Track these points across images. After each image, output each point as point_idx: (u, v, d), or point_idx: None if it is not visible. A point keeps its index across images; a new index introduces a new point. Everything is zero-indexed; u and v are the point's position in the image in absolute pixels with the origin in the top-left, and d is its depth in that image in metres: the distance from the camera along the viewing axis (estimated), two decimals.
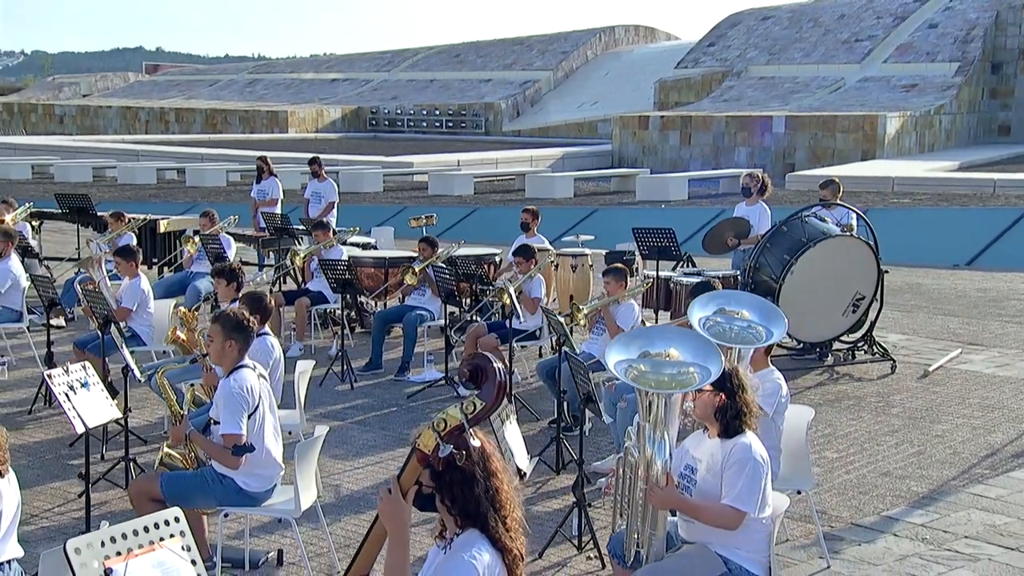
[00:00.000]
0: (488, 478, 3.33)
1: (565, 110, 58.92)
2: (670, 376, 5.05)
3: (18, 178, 32.70)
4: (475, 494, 3.30)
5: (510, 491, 3.39)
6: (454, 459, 3.22)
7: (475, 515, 3.33)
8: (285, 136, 51.04)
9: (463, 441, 3.19)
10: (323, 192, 15.53)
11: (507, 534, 3.34)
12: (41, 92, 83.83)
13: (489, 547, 3.32)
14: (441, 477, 3.30)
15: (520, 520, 3.43)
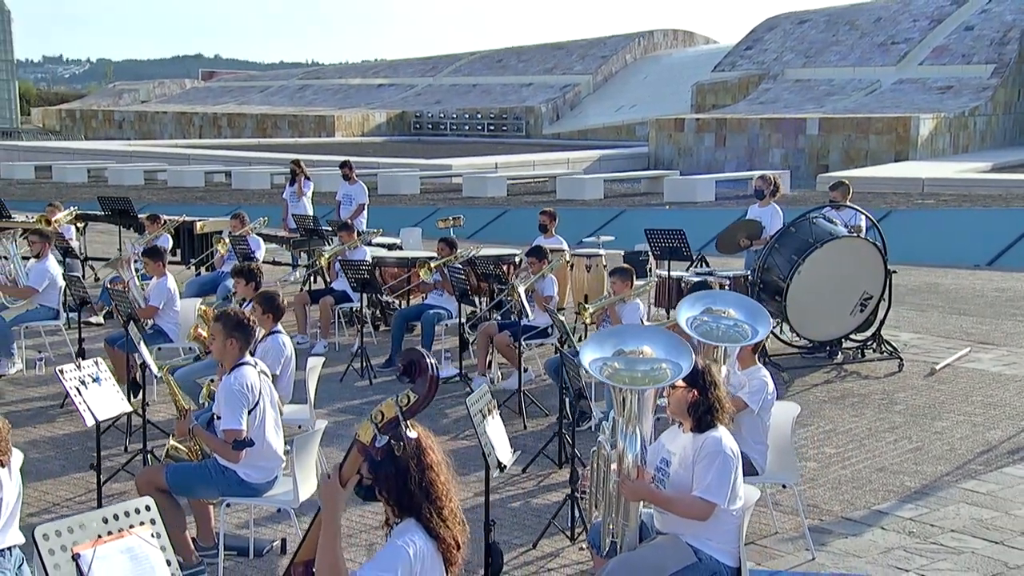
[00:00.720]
0: (424, 471, 3.41)
1: (604, 113, 58.88)
2: (643, 373, 5.12)
3: (74, 181, 33.29)
4: (409, 486, 3.39)
5: (446, 483, 3.48)
6: (392, 450, 3.31)
7: (410, 506, 3.41)
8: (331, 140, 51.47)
9: (399, 432, 3.28)
10: (354, 194, 15.71)
11: (442, 524, 3.42)
12: (102, 99, 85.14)
13: (424, 535, 3.40)
14: (378, 469, 3.39)
15: (456, 511, 3.51)
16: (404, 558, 3.32)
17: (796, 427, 9.04)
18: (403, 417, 3.25)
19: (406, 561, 3.32)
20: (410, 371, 3.27)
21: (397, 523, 3.47)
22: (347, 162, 16.17)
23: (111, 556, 3.47)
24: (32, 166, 36.23)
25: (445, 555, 3.43)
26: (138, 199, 27.88)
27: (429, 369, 3.25)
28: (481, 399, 5.42)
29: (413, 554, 3.34)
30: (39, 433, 8.84)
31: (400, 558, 3.32)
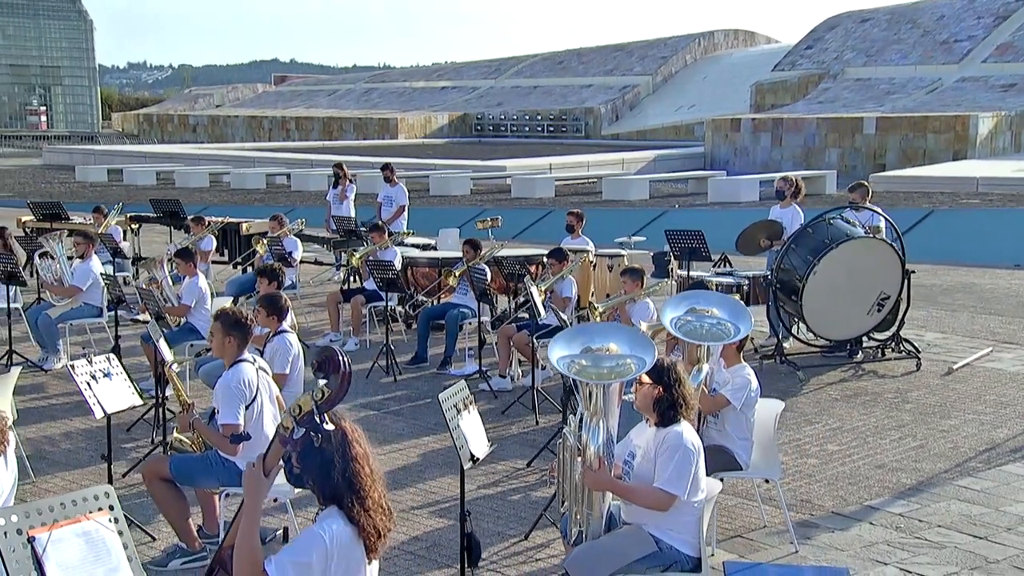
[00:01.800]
0: (348, 462, 3.57)
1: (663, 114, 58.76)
2: (609, 368, 5.26)
3: (144, 184, 34.11)
4: (333, 476, 3.55)
5: (370, 475, 3.63)
6: (312, 441, 3.50)
7: (333, 494, 3.57)
8: (394, 142, 52.01)
9: (316, 425, 3.47)
10: (394, 196, 15.98)
11: (364, 513, 3.56)
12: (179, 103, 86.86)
13: (344, 523, 3.56)
14: (306, 459, 3.57)
15: (380, 501, 3.65)
16: (320, 544, 3.48)
17: (803, 424, 9.19)
18: (318, 411, 3.44)
19: (321, 547, 3.47)
20: (324, 368, 3.46)
21: (322, 509, 3.64)
22: (388, 164, 16.45)
23: (66, 540, 3.67)
24: (105, 169, 37.17)
25: (366, 542, 3.58)
26: (200, 201, 28.59)
27: (342, 366, 3.44)
28: (456, 395, 5.60)
29: (329, 540, 3.49)
30: (75, 425, 9.20)
31: (316, 544, 3.48)
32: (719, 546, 6.75)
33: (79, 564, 3.71)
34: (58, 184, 35.53)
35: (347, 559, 3.51)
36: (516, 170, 33.10)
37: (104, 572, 3.77)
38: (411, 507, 7.41)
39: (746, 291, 11.30)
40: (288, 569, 3.41)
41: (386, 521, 3.64)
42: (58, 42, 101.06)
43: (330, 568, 3.46)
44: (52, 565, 3.62)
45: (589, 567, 5.12)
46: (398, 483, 7.87)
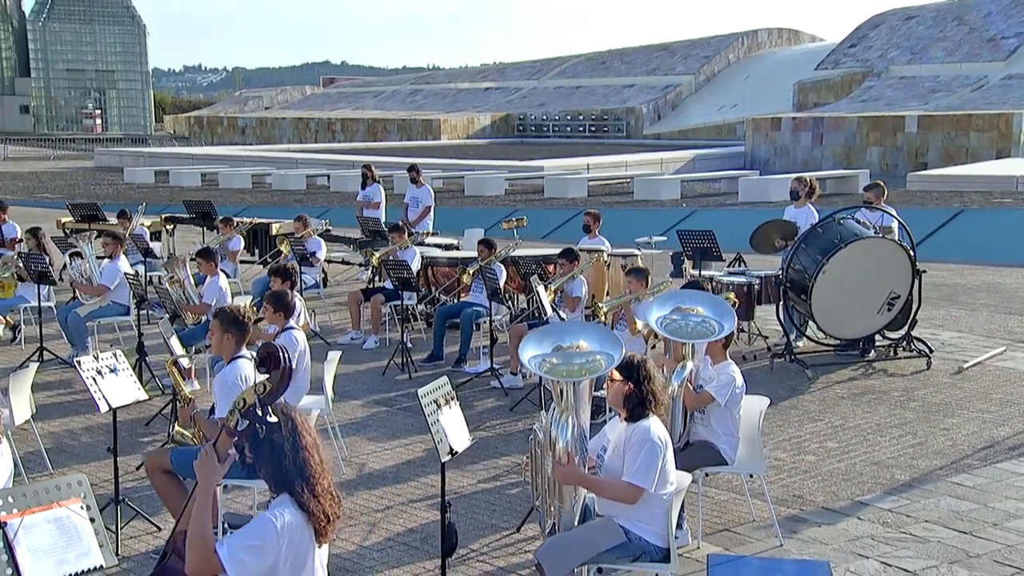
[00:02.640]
0: (298, 451, 3.75)
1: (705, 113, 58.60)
2: (579, 365, 5.40)
3: (189, 185, 34.66)
4: (284, 465, 3.73)
5: (319, 464, 3.80)
6: (257, 432, 3.67)
7: (283, 482, 3.75)
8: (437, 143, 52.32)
9: (259, 417, 3.64)
10: (420, 197, 16.19)
11: (314, 500, 3.74)
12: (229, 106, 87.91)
13: (295, 509, 3.73)
14: (257, 449, 3.74)
15: (329, 488, 3.82)
16: (271, 529, 3.66)
17: (806, 422, 9.26)
18: (260, 403, 3.62)
19: (272, 532, 3.65)
20: (266, 363, 3.64)
21: (274, 497, 3.82)
22: (414, 166, 16.67)
23: (38, 525, 3.88)
24: (152, 171, 37.82)
25: (315, 527, 3.76)
26: (241, 202, 29.06)
27: (282, 362, 3.61)
28: (437, 391, 5.77)
29: (280, 526, 3.67)
30: (97, 420, 9.47)
31: (267, 529, 3.66)
32: (706, 539, 6.86)
33: (50, 548, 3.91)
34: (106, 186, 36.21)
35: (297, 543, 3.68)
36: (553, 170, 33.23)
37: (75, 556, 3.98)
38: (410, 500, 7.59)
39: (757, 290, 11.37)
40: (239, 552, 3.58)
41: (335, 507, 3.81)
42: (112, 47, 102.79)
43: (281, 551, 3.63)
44: (23, 549, 3.83)
45: (559, 557, 5.26)
46: (401, 477, 8.07)
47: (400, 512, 7.35)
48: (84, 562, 3.99)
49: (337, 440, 8.49)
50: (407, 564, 6.50)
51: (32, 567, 3.84)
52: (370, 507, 7.46)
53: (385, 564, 6.50)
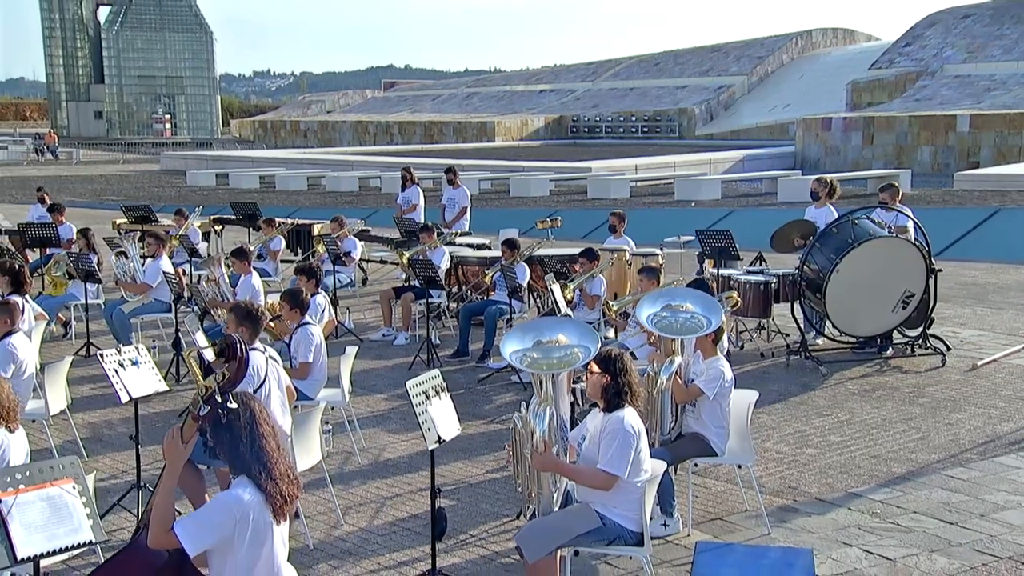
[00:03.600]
0: (255, 438, 4.00)
1: (757, 113, 58.25)
2: (558, 359, 5.61)
3: (247, 187, 35.31)
4: (241, 449, 3.99)
5: (276, 448, 4.04)
6: (220, 417, 3.92)
7: (242, 465, 4.00)
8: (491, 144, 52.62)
9: (220, 403, 3.89)
10: (457, 198, 16.46)
11: (271, 481, 3.98)
12: (293, 110, 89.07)
13: (253, 489, 3.98)
14: (217, 435, 4.00)
15: (287, 471, 4.06)
16: (226, 507, 3.91)
17: (813, 417, 9.38)
18: (219, 391, 3.87)
19: (227, 510, 3.90)
20: (226, 354, 3.90)
21: (234, 478, 4.07)
22: (451, 168, 16.94)
23: (31, 503, 4.18)
24: (214, 174, 38.58)
25: (273, 506, 4.01)
26: (295, 203, 29.58)
27: (240, 352, 3.87)
28: (427, 382, 6.00)
29: (235, 504, 3.92)
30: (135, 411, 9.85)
31: (222, 507, 3.92)
32: (698, 527, 7.02)
33: (42, 524, 4.22)
34: (170, 188, 37.01)
35: (255, 521, 3.93)
36: (599, 171, 33.34)
37: (65, 532, 4.28)
38: (419, 488, 7.83)
39: (775, 289, 11.46)
40: (193, 529, 3.83)
41: (292, 489, 4.06)
42: (182, 53, 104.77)
43: (238, 528, 3.89)
44: (16, 524, 4.14)
45: (537, 540, 5.48)
46: (413, 467, 8.32)
47: (407, 499, 7.60)
48: (74, 537, 4.29)
49: (355, 432, 8.76)
50: (407, 548, 6.74)
51: (24, 541, 4.14)
52: (380, 494, 7.72)
53: (387, 547, 6.75)
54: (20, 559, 4.14)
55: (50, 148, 64.10)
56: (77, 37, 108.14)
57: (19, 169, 52.04)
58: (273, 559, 3.96)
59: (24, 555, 4.14)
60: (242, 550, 3.88)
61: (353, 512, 7.34)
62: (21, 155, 61.27)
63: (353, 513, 7.33)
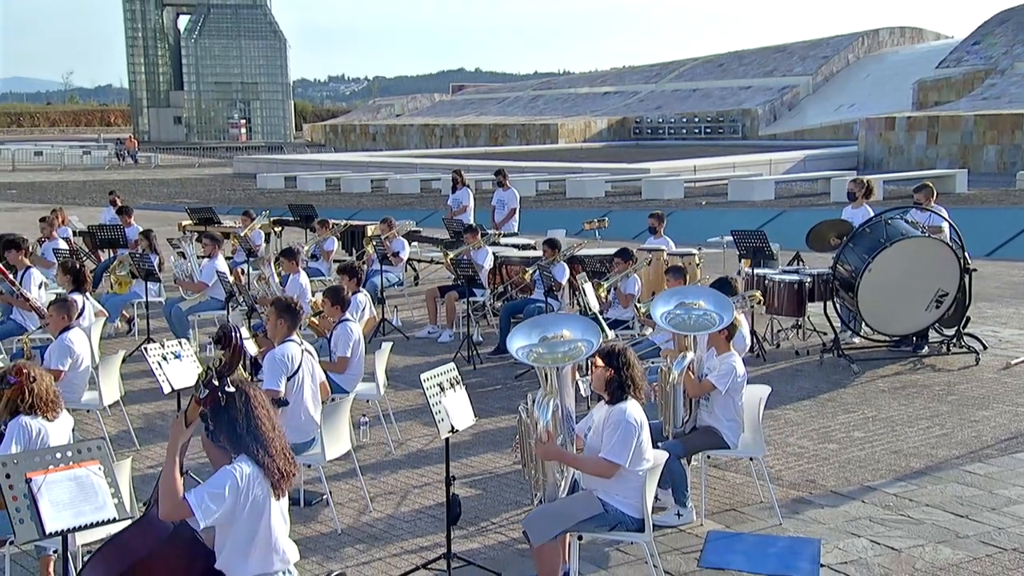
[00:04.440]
0: (251, 420, 4.27)
1: (822, 113, 57.64)
2: (563, 353, 5.84)
3: (314, 190, 35.95)
4: (238, 431, 4.27)
5: (272, 428, 4.32)
6: (218, 400, 4.20)
7: (239, 445, 4.29)
8: (553, 146, 52.81)
9: (217, 387, 4.17)
10: (506, 200, 16.71)
11: (268, 458, 4.26)
12: (363, 114, 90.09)
13: (253, 465, 4.27)
14: (217, 418, 4.28)
15: (282, 449, 4.33)
16: (231, 480, 4.21)
17: (839, 413, 9.47)
18: (217, 375, 4.16)
19: (233, 482, 4.20)
20: (222, 341, 4.19)
21: (234, 457, 4.36)
22: (500, 170, 17.20)
23: (59, 482, 4.52)
24: (282, 177, 39.32)
25: (271, 481, 4.29)
26: (357, 205, 30.09)
27: (234, 340, 4.15)
28: (442, 375, 6.26)
29: (239, 477, 4.21)
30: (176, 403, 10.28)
31: (228, 480, 4.21)
32: (712, 518, 7.18)
33: (69, 501, 4.56)
34: (240, 191, 37.81)
35: (255, 493, 4.22)
36: (657, 172, 33.36)
37: (91, 509, 4.61)
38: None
39: (809, 288, 11.53)
40: (204, 497, 4.13)
41: (289, 466, 4.34)
42: (256, 60, 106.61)
43: (239, 499, 4.17)
44: (45, 501, 4.49)
45: (542, 525, 5.71)
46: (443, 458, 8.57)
47: (434, 488, 7.85)
48: (99, 514, 4.62)
49: (391, 424, 9.05)
50: (430, 533, 7.01)
51: (53, 516, 4.48)
52: (409, 483, 8.00)
53: (410, 533, 7.03)
54: (49, 533, 4.48)
55: (130, 153, 65.70)
56: (158, 45, 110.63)
57: (101, 173, 53.48)
58: (271, 532, 4.24)
59: (52, 529, 4.48)
60: (241, 521, 4.16)
61: (381, 500, 7.63)
62: (103, 160, 62.92)
63: (381, 500, 7.62)
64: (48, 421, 5.83)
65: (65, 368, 8.34)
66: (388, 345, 9.08)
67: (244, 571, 4.21)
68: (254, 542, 4.20)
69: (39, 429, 5.82)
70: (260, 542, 4.21)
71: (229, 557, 4.20)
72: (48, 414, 5.82)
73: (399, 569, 6.41)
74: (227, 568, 4.21)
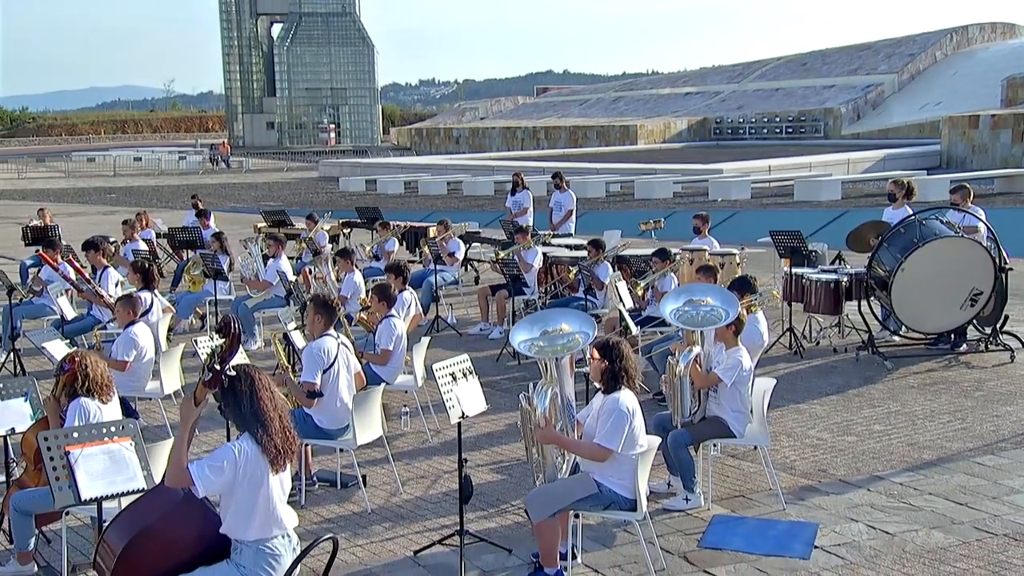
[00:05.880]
0: (254, 401, 4.76)
1: (907, 112, 56.79)
2: (562, 345, 6.30)
3: (393, 192, 36.81)
4: (242, 410, 4.77)
5: (273, 408, 4.80)
6: (223, 382, 4.71)
7: (243, 424, 4.78)
8: (632, 148, 52.96)
9: (220, 370, 4.67)
10: (563, 202, 17.15)
11: (267, 437, 4.74)
12: (449, 117, 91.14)
13: (252, 443, 4.76)
14: (224, 398, 4.80)
15: (283, 428, 4.81)
16: (231, 455, 4.71)
17: (864, 407, 9.73)
18: (219, 359, 4.67)
19: (231, 456, 4.69)
20: (222, 330, 4.71)
21: (240, 435, 4.86)
22: (558, 173, 17.64)
23: (94, 455, 5.12)
24: (364, 180, 40.30)
25: (270, 457, 4.78)
26: (432, 207, 30.77)
27: (233, 329, 4.67)
28: (454, 365, 6.75)
29: (238, 452, 4.70)
30: None
31: (227, 454, 4.71)
32: (720, 503, 7.53)
33: (103, 472, 5.15)
34: (323, 194, 38.87)
35: (253, 468, 4.72)
36: (730, 173, 33.41)
37: (123, 480, 5.20)
38: (478, 464, 8.56)
39: (846, 287, 11.75)
40: (204, 469, 4.65)
41: (287, 443, 4.82)
42: (345, 66, 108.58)
43: (236, 473, 4.69)
44: (82, 472, 5.09)
45: (541, 504, 6.16)
46: (478, 446, 9.06)
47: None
48: (130, 484, 5.21)
49: (429, 415, 9.57)
50: (453, 514, 7.46)
51: (87, 484, 5.08)
52: (441, 469, 8.50)
53: (435, 513, 7.53)
54: (84, 500, 5.08)
55: (223, 158, 67.63)
56: (252, 53, 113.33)
57: (195, 177, 55.29)
58: (270, 501, 4.75)
59: (87, 496, 5.08)
60: (242, 490, 4.68)
61: (413, 483, 8.14)
62: (198, 164, 64.95)
63: (413, 484, 8.13)
64: (103, 403, 6.47)
65: (130, 359, 9.03)
66: (426, 340, 9.60)
67: (246, 535, 4.73)
68: (254, 510, 4.71)
69: (95, 410, 6.46)
70: (260, 510, 4.72)
71: (232, 522, 4.73)
72: (103, 397, 6.47)
73: (418, 544, 6.91)
74: (231, 531, 4.74)
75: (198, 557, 4.68)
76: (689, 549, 6.75)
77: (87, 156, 74.86)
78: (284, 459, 4.81)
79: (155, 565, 4.56)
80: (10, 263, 18.30)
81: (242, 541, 4.74)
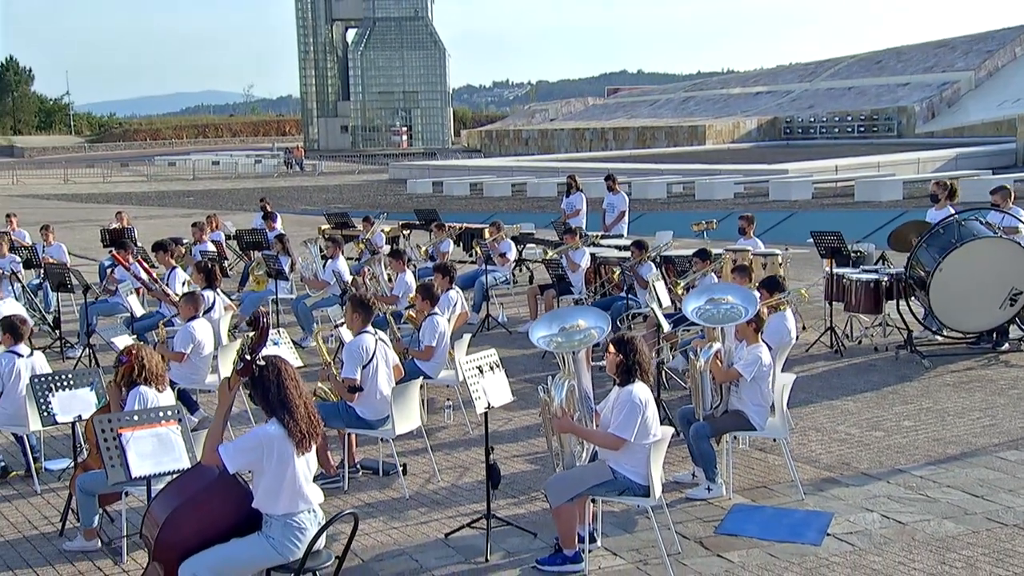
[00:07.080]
0: (280, 388, 5.22)
1: (984, 109, 55.86)
2: (578, 340, 6.69)
3: (458, 194, 37.38)
4: (270, 398, 5.24)
5: (298, 397, 5.26)
6: (253, 371, 5.18)
7: (270, 409, 5.24)
8: (700, 148, 52.91)
9: (250, 360, 5.14)
10: (615, 203, 17.48)
11: (293, 422, 5.19)
12: (519, 119, 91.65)
13: (279, 427, 5.22)
14: (255, 387, 5.27)
15: (308, 415, 5.26)
16: (256, 437, 5.17)
17: (896, 404, 9.95)
18: (249, 350, 5.15)
19: (258, 441, 5.14)
20: (252, 324, 5.18)
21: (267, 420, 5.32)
22: (610, 175, 17.98)
23: (144, 438, 5.65)
24: (430, 182, 40.98)
25: (295, 440, 5.24)
26: (495, 209, 31.25)
27: (261, 322, 5.14)
28: (481, 359, 7.18)
29: (264, 436, 5.16)
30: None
31: (255, 438, 5.18)
32: (742, 493, 7.84)
33: (151, 453, 5.69)
34: (391, 196, 39.62)
35: (279, 451, 5.18)
36: (796, 173, 33.34)
37: (170, 460, 5.74)
38: (513, 455, 8.98)
39: (886, 287, 11.94)
40: (231, 452, 5.12)
41: (312, 428, 5.28)
42: (417, 70, 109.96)
43: (264, 455, 5.16)
44: (132, 452, 5.63)
45: (559, 488, 6.56)
46: (515, 438, 9.49)
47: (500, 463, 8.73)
48: (176, 464, 5.75)
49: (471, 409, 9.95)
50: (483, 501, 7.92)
51: (137, 463, 5.62)
52: (478, 459, 8.92)
53: (468, 499, 7.96)
54: (135, 477, 5.62)
55: (297, 161, 69.04)
56: (327, 58, 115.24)
57: (269, 180, 56.60)
58: (296, 480, 5.23)
59: (137, 474, 5.61)
60: (270, 470, 5.16)
61: (448, 471, 8.59)
62: (273, 168, 66.41)
63: (448, 472, 8.58)
64: (159, 392, 7.03)
65: (187, 351, 9.63)
66: (467, 337, 10.04)
67: (275, 509, 5.22)
68: (282, 487, 5.19)
69: (153, 398, 7.03)
70: (287, 487, 5.20)
71: (263, 498, 5.21)
72: (158, 386, 7.02)
73: (450, 527, 7.34)
74: (262, 506, 5.22)
75: (232, 528, 5.17)
76: (706, 535, 7.08)
77: (168, 160, 76.98)
78: (309, 442, 5.27)
79: (193, 535, 5.05)
80: (90, 263, 19.23)
81: (272, 515, 5.21)
